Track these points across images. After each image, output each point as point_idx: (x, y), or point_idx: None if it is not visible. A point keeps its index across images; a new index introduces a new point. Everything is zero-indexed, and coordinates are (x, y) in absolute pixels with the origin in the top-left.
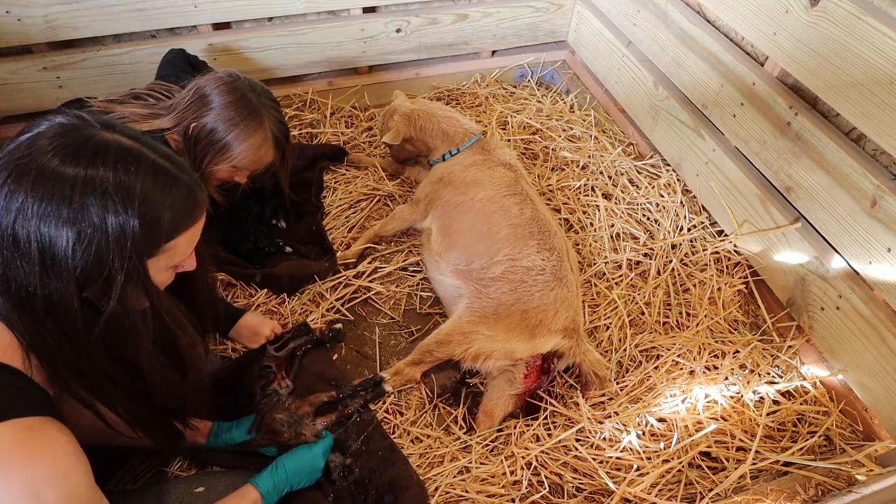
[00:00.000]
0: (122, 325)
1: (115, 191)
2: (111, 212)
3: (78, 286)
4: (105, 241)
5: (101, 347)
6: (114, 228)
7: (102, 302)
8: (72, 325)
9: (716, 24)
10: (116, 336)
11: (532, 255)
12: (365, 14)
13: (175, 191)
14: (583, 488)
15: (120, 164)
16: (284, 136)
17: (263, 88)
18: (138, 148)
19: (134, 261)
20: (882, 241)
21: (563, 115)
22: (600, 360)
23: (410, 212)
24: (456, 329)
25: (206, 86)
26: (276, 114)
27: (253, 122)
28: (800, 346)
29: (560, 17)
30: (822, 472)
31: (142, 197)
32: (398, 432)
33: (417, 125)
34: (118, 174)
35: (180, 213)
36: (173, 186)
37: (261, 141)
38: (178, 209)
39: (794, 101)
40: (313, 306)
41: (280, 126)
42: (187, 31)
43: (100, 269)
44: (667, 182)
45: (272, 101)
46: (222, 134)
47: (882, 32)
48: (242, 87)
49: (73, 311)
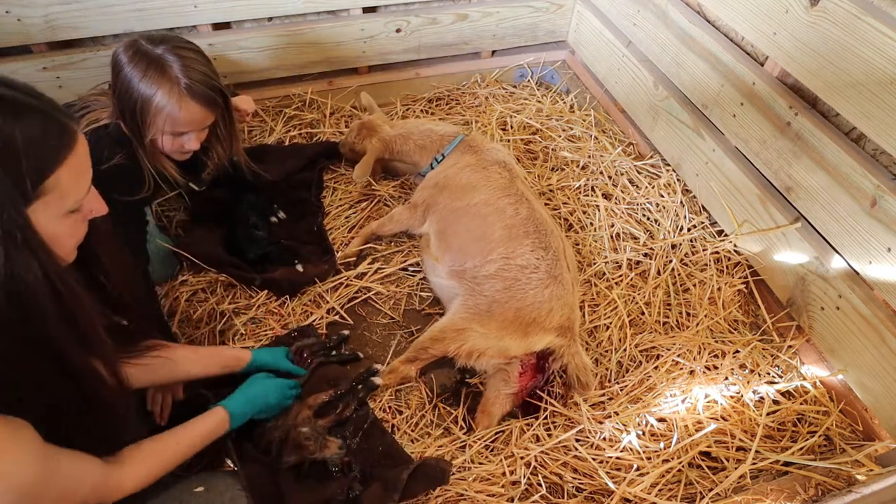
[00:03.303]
0: (22, 299)
1: None
2: None
3: None
4: None
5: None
6: None
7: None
8: None
9: (716, 24)
10: (21, 313)
11: (526, 253)
12: (365, 14)
13: (26, 117)
14: (583, 488)
15: None
16: (209, 86)
17: (176, 41)
18: None
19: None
20: (882, 241)
21: (563, 115)
22: (588, 365)
23: (408, 216)
24: (450, 326)
25: (114, 54)
26: (190, 63)
27: (154, 71)
28: (800, 346)
29: (560, 17)
30: (822, 472)
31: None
32: (398, 433)
33: (394, 150)
34: None
35: (43, 142)
36: (22, 114)
37: (170, 89)
38: (37, 138)
39: (794, 101)
40: (314, 307)
41: (197, 74)
42: (187, 31)
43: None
44: (667, 182)
45: (189, 51)
46: (134, 93)
47: (882, 32)
48: (140, 42)
49: None
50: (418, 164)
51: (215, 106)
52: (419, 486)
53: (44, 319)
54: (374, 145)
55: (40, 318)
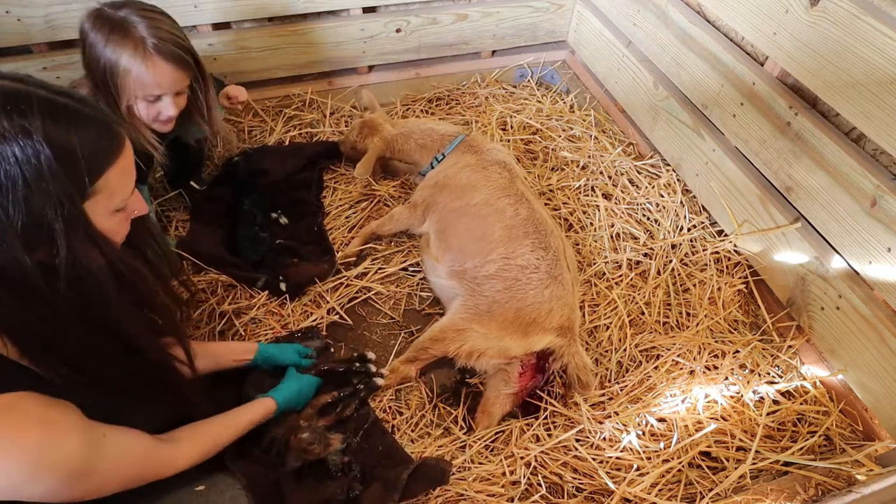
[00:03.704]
0: (85, 286)
1: (14, 134)
2: (18, 150)
3: (25, 246)
4: (27, 188)
5: (73, 315)
6: (28, 169)
7: (56, 260)
8: (30, 291)
9: (716, 24)
10: (85, 299)
11: (526, 253)
12: (365, 14)
13: (81, 124)
14: (583, 488)
15: (10, 107)
16: (176, 45)
17: (140, 4)
18: (25, 88)
19: (67, 205)
20: (882, 241)
21: (563, 115)
22: (588, 364)
23: (408, 215)
24: (450, 326)
25: (80, 26)
26: (156, 23)
27: (118, 34)
28: (800, 345)
29: (560, 17)
30: (822, 472)
31: (44, 134)
32: (398, 433)
33: (395, 149)
34: (12, 117)
35: (97, 145)
36: (78, 120)
37: (134, 49)
38: (92, 142)
39: (794, 101)
40: (314, 307)
41: (163, 33)
42: (187, 32)
43: (37, 222)
44: (667, 182)
45: (153, 13)
46: (101, 59)
47: (882, 32)
48: (102, 9)
49: (27, 272)
50: (419, 164)
51: (186, 66)
52: (419, 486)
53: (107, 303)
54: (376, 144)
55: (103, 301)
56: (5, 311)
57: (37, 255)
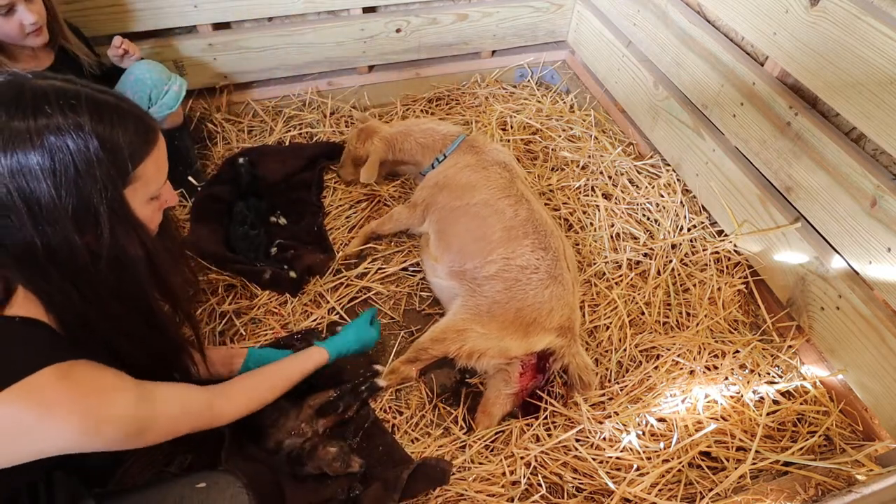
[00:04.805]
0: (124, 268)
1: (67, 126)
2: (71, 143)
3: (76, 229)
4: (77, 173)
5: (113, 295)
6: (79, 158)
7: (100, 243)
8: (77, 270)
9: (716, 24)
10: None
11: (527, 254)
12: (365, 14)
13: (122, 118)
14: (583, 488)
15: (63, 103)
16: None
17: None
18: (74, 87)
19: (110, 190)
20: (882, 241)
21: (563, 115)
22: (588, 364)
23: (408, 215)
24: (450, 327)
25: None
26: None
27: None
28: (800, 346)
29: (560, 17)
30: (822, 472)
31: (93, 126)
32: (399, 433)
33: (396, 148)
34: (65, 112)
35: (136, 137)
36: (119, 114)
37: None
38: (131, 134)
39: (794, 101)
40: (314, 307)
41: None
42: (187, 31)
43: (85, 205)
44: (667, 182)
45: None
46: None
47: (882, 32)
48: None
49: (77, 253)
50: (420, 164)
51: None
52: (419, 486)
53: (139, 283)
54: (377, 145)
55: (137, 282)
56: (55, 289)
57: (85, 237)
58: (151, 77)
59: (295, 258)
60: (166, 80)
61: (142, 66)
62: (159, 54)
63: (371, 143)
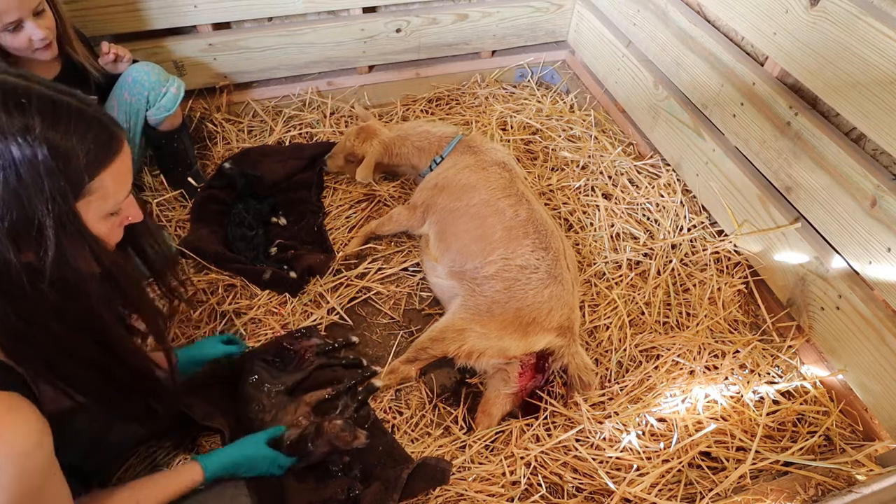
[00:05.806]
0: (71, 288)
1: (11, 128)
2: (15, 148)
3: (12, 243)
4: (19, 183)
5: (56, 317)
6: (24, 167)
7: (42, 261)
8: (13, 290)
9: (716, 24)
10: (70, 302)
11: (526, 254)
12: (365, 14)
13: (81, 123)
14: (583, 488)
15: (10, 101)
16: None
17: None
18: (26, 83)
19: (59, 203)
20: (882, 241)
21: (563, 115)
22: (588, 364)
23: (408, 216)
24: (450, 326)
25: None
26: None
27: None
28: (800, 346)
29: (560, 17)
30: (822, 472)
31: (43, 131)
32: (398, 433)
33: (393, 153)
34: (10, 112)
35: (94, 146)
36: (77, 119)
37: None
38: (90, 142)
39: (794, 101)
40: (314, 307)
41: None
42: (187, 31)
43: (27, 218)
44: (667, 182)
45: None
46: None
47: (882, 32)
48: None
49: (11, 269)
50: (417, 167)
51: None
52: (419, 486)
53: (88, 304)
54: (375, 147)
55: (85, 303)
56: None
57: (25, 255)
58: (149, 79)
59: (295, 258)
60: (164, 82)
61: (139, 69)
62: (159, 54)
63: (370, 144)
